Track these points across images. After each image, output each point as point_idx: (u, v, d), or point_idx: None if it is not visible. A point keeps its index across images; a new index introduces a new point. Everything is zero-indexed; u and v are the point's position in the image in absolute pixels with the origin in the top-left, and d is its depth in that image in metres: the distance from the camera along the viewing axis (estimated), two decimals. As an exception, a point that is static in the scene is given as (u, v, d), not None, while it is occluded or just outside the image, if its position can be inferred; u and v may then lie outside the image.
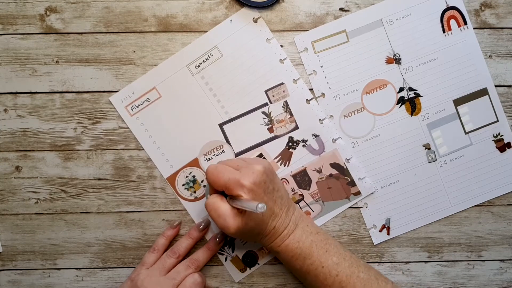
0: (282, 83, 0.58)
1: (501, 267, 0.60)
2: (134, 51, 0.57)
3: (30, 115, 0.58)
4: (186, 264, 0.55)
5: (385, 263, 0.60)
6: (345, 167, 0.59)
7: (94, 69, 0.58)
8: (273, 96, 0.58)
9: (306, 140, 0.59)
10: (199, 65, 0.58)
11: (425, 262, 0.60)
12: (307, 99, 0.59)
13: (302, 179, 0.59)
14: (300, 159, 0.59)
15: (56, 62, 0.57)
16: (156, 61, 0.57)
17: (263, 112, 0.59)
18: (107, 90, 0.58)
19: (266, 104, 0.58)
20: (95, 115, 0.58)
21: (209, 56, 0.58)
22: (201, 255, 0.57)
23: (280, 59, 0.58)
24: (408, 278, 0.60)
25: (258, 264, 0.60)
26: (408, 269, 0.60)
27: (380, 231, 0.60)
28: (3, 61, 0.57)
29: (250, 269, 0.60)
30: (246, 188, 0.48)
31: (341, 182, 0.59)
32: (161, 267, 0.55)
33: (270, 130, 0.59)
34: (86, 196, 0.59)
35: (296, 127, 0.59)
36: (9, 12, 0.57)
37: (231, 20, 0.57)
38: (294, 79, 0.58)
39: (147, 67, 0.58)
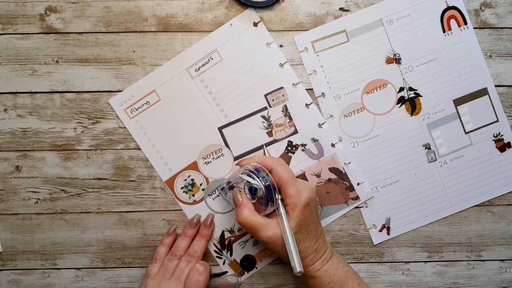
0: (281, 87, 0.58)
1: (501, 267, 0.60)
2: (134, 51, 0.57)
3: (30, 115, 0.58)
4: (187, 259, 0.56)
5: (385, 263, 0.60)
6: (343, 172, 0.59)
7: (94, 69, 0.58)
8: (273, 100, 0.58)
9: (305, 145, 0.59)
10: (199, 69, 0.58)
11: (425, 262, 0.60)
12: (306, 104, 0.58)
13: (301, 181, 0.59)
14: (299, 163, 0.59)
15: (56, 62, 0.57)
16: (156, 61, 0.57)
17: (263, 116, 0.58)
18: (107, 90, 0.58)
19: (265, 108, 0.58)
20: (95, 115, 0.58)
21: (209, 60, 0.58)
22: (197, 245, 0.57)
23: (280, 63, 0.58)
24: (408, 278, 0.60)
25: (256, 268, 0.60)
26: (408, 269, 0.60)
27: (380, 231, 0.60)
28: (3, 61, 0.57)
29: (248, 273, 0.60)
30: (303, 201, 0.49)
31: (339, 186, 0.59)
32: (165, 272, 0.55)
33: (269, 134, 0.59)
34: (86, 196, 0.59)
35: (295, 131, 0.59)
36: (9, 12, 0.57)
37: (231, 24, 0.57)
38: (293, 83, 0.58)
39: (147, 66, 0.57)
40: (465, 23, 0.58)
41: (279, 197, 0.50)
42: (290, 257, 0.48)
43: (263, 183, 0.49)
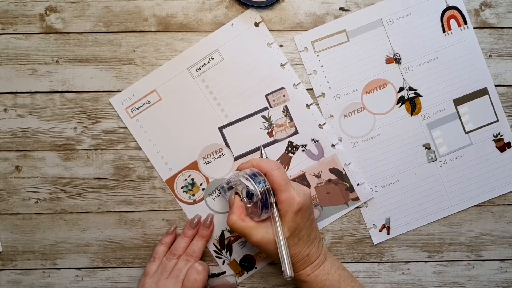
0: (282, 88, 0.58)
1: (501, 267, 0.60)
2: (134, 51, 0.57)
3: (30, 114, 0.58)
4: (185, 259, 0.56)
5: (385, 263, 0.60)
6: (344, 173, 0.59)
7: (94, 69, 0.58)
8: (273, 100, 0.58)
9: (306, 145, 0.59)
10: (199, 68, 0.58)
11: (425, 262, 0.60)
12: (307, 104, 0.58)
13: (301, 183, 0.59)
14: (299, 163, 0.59)
15: (56, 61, 0.57)
16: (156, 61, 0.57)
17: (263, 116, 0.58)
18: (107, 89, 0.58)
19: (266, 108, 0.58)
20: (95, 114, 0.58)
21: (210, 60, 0.58)
22: (196, 245, 0.57)
23: (281, 64, 0.58)
24: (408, 278, 0.60)
25: (256, 268, 0.60)
26: (408, 269, 0.60)
27: (380, 230, 0.60)
28: (3, 61, 0.57)
29: (247, 273, 0.60)
30: (295, 207, 0.50)
31: (339, 187, 0.59)
32: (163, 271, 0.55)
33: (270, 134, 0.59)
34: (86, 196, 0.59)
35: (296, 132, 0.59)
36: (9, 11, 0.57)
37: (233, 24, 0.57)
38: (294, 83, 0.58)
39: (147, 66, 0.58)
40: (465, 23, 0.58)
41: (274, 201, 0.51)
42: (282, 261, 0.49)
43: (259, 189, 0.50)
